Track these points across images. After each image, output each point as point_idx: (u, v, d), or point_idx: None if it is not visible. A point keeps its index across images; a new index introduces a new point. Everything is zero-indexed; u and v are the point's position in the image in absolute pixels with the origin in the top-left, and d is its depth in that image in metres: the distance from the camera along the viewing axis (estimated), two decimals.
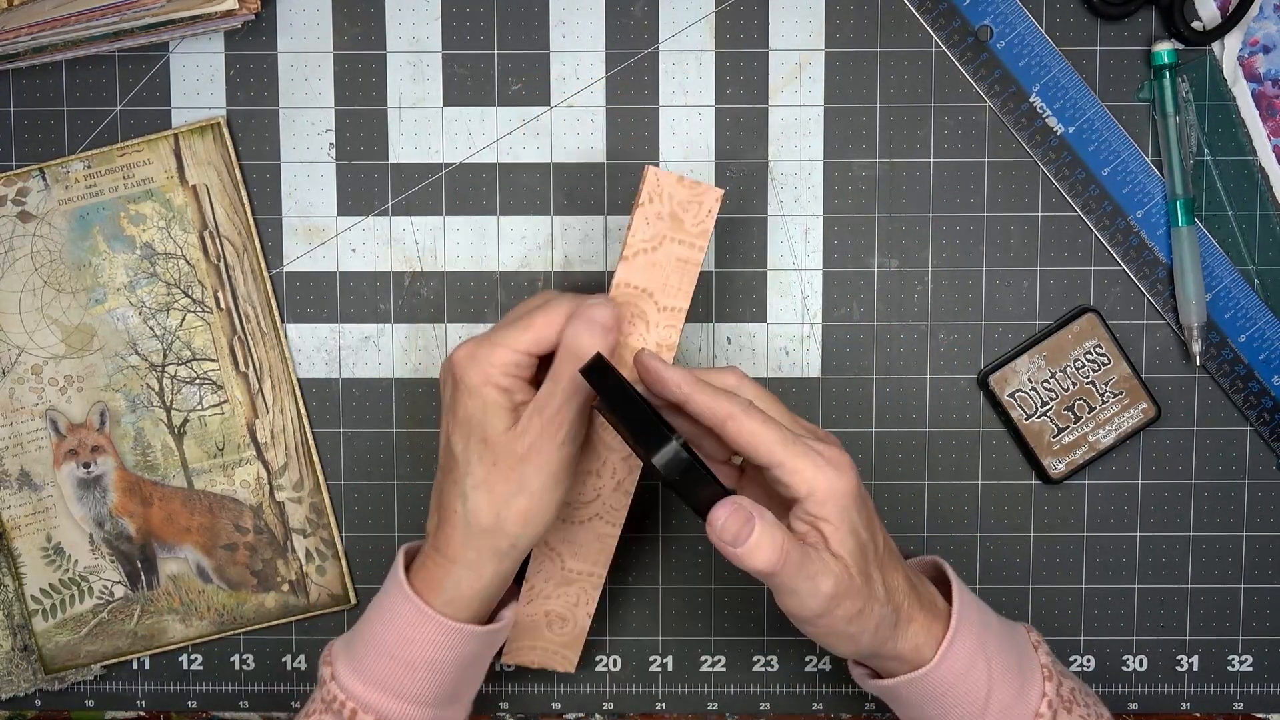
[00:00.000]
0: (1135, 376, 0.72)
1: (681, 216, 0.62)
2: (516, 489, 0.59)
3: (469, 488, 0.60)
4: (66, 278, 0.72)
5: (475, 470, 0.60)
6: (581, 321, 0.59)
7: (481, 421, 0.59)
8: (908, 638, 0.60)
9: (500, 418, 0.59)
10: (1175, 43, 0.71)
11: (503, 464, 0.59)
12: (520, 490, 0.59)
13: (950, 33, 0.72)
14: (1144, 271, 0.72)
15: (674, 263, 0.63)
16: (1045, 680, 0.61)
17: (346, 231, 0.73)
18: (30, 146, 0.72)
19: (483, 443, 0.59)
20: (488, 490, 0.60)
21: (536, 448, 0.59)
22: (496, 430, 0.59)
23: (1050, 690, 0.61)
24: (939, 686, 0.60)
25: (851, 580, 0.57)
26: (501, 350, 0.60)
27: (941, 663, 0.59)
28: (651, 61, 0.72)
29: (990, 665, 0.60)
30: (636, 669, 0.74)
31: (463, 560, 0.61)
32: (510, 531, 0.60)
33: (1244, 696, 0.74)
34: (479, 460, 0.60)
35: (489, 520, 0.60)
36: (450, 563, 0.61)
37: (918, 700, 0.61)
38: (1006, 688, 0.60)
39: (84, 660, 0.73)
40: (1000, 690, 0.60)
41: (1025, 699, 0.60)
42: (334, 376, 0.73)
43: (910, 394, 0.73)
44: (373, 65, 0.72)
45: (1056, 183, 0.72)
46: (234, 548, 0.73)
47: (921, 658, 0.60)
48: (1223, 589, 0.74)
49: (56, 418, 0.72)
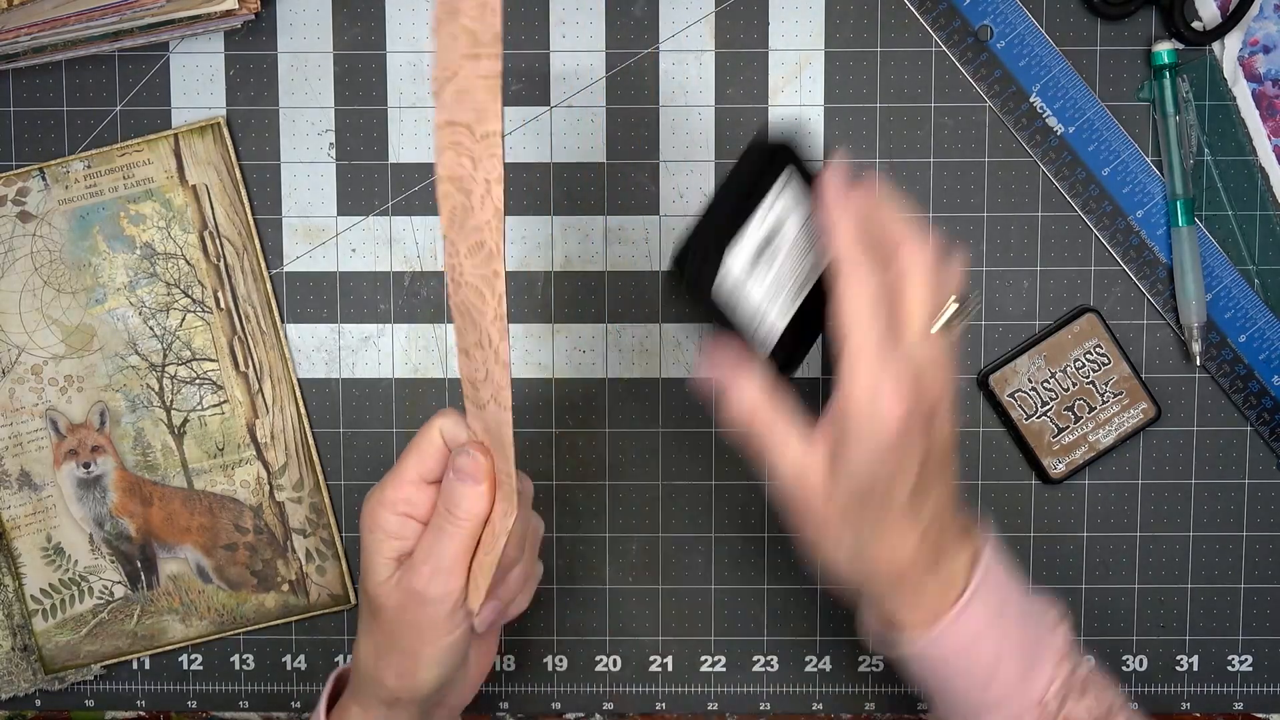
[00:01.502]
0: (1135, 376, 0.72)
1: (473, 28, 0.49)
2: (388, 644, 0.57)
3: (360, 634, 0.59)
4: (66, 278, 0.72)
5: (363, 620, 0.59)
6: (452, 474, 0.56)
7: (366, 571, 0.58)
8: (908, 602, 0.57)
9: (382, 567, 0.57)
10: (1175, 43, 0.71)
11: (378, 616, 0.57)
12: (392, 646, 0.57)
13: (950, 33, 0.72)
14: (1144, 271, 0.72)
15: (478, 81, 0.50)
16: (1059, 663, 0.59)
17: (346, 231, 0.73)
18: (30, 146, 0.72)
19: (365, 593, 0.58)
20: (368, 642, 0.58)
21: (404, 606, 0.56)
22: (374, 581, 0.57)
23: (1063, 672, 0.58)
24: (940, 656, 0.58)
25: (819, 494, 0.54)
26: (389, 487, 0.57)
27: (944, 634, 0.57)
28: (651, 61, 0.72)
29: (1001, 643, 0.57)
30: (636, 669, 0.74)
31: (357, 703, 0.60)
32: (389, 685, 0.58)
33: (1244, 696, 0.74)
34: (365, 611, 0.58)
35: (368, 671, 0.58)
36: (351, 700, 0.60)
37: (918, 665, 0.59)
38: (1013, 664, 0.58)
39: (84, 660, 0.73)
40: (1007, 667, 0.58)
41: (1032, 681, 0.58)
42: (334, 376, 0.73)
43: None
44: (373, 65, 0.72)
45: (1056, 183, 0.72)
46: (234, 548, 0.73)
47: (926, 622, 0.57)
48: (1223, 589, 0.74)
49: (56, 418, 0.72)
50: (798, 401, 0.56)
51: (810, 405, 0.56)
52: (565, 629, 0.74)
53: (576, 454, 0.73)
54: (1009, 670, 0.58)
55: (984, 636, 0.58)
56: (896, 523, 0.55)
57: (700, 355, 0.53)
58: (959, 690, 0.59)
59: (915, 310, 0.54)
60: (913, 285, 0.54)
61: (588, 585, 0.74)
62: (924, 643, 0.58)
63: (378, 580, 0.57)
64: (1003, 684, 0.58)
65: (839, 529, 0.56)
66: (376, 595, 0.57)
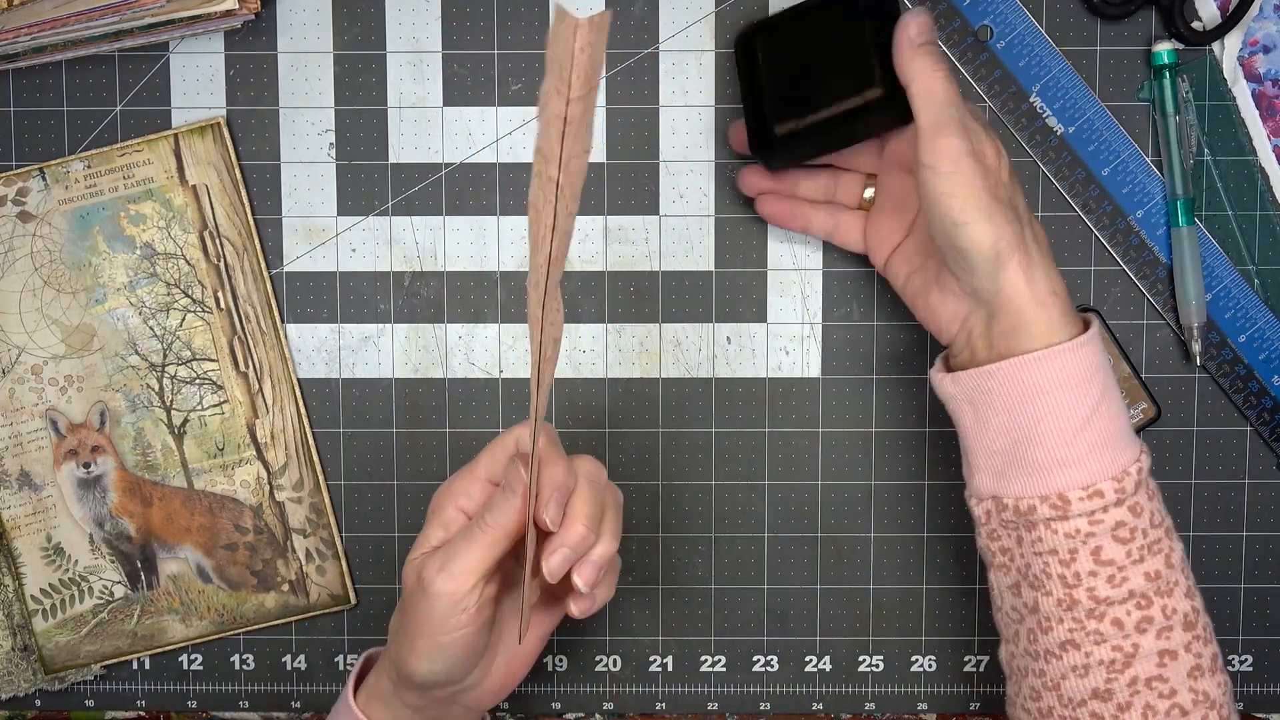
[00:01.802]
0: (1135, 376, 0.72)
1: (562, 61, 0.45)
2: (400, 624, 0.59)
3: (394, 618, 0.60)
4: (66, 278, 0.72)
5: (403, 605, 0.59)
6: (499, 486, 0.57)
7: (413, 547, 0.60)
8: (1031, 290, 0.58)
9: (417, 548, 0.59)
10: (1175, 43, 0.71)
11: (403, 596, 0.59)
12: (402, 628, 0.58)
13: (950, 33, 0.72)
14: (1144, 271, 0.72)
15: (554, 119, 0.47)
16: (1143, 452, 0.59)
17: (346, 231, 0.73)
18: (30, 146, 0.72)
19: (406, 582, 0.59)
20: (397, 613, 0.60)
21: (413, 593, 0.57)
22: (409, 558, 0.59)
23: (1145, 460, 0.58)
24: (1050, 381, 0.57)
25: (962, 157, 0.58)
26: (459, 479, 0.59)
27: (1070, 351, 0.57)
28: (651, 61, 0.72)
29: (1106, 391, 0.58)
30: (636, 669, 0.74)
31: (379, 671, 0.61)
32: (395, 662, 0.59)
33: (1244, 696, 0.74)
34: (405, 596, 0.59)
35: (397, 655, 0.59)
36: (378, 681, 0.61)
37: (1013, 399, 0.58)
38: (1112, 421, 0.58)
39: (84, 660, 0.73)
40: (1104, 421, 0.57)
41: (1125, 449, 0.58)
42: (334, 376, 0.73)
43: (910, 394, 0.73)
44: (373, 65, 0.72)
45: (1056, 183, 0.72)
46: (234, 548, 0.73)
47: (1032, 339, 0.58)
48: (1223, 589, 0.74)
49: (56, 418, 0.72)
50: None
51: None
52: (565, 629, 0.74)
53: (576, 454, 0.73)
54: (1109, 423, 0.57)
55: (1094, 378, 0.57)
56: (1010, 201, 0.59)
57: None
58: (1048, 434, 0.57)
59: None
60: None
61: None
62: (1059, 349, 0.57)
63: (410, 558, 0.59)
64: (1098, 433, 0.57)
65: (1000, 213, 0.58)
66: (405, 573, 0.59)
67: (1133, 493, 0.57)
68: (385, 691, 0.61)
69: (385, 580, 0.74)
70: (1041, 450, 0.58)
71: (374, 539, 0.74)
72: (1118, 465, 0.57)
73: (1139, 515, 0.58)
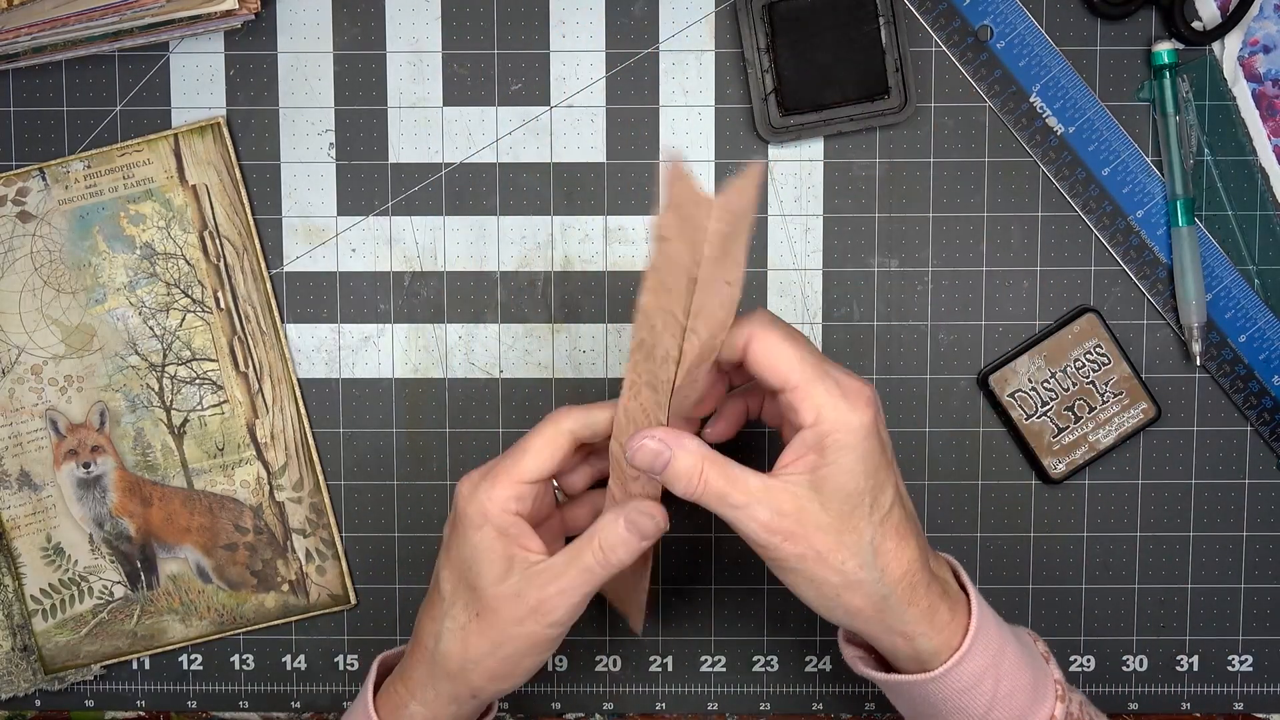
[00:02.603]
0: (1135, 376, 0.72)
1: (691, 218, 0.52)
2: (491, 648, 0.57)
3: (445, 630, 0.58)
4: (66, 278, 0.72)
5: (457, 615, 0.58)
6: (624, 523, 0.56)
7: (474, 567, 0.57)
8: (917, 628, 0.56)
9: (493, 566, 0.57)
10: (1175, 43, 0.71)
11: (485, 618, 0.57)
12: (494, 652, 0.57)
13: (950, 33, 0.72)
14: (1144, 271, 0.72)
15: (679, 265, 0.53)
16: (1057, 700, 0.59)
17: (346, 231, 0.73)
18: (30, 146, 0.72)
19: (471, 589, 0.57)
20: (463, 639, 0.58)
21: (522, 620, 0.56)
22: (487, 580, 0.57)
23: (1059, 712, 0.58)
24: (939, 695, 0.57)
25: (823, 521, 0.54)
26: (501, 485, 0.57)
27: (951, 671, 0.56)
28: (651, 61, 0.72)
29: (998, 685, 0.57)
30: (636, 669, 0.74)
31: (420, 698, 0.59)
32: (473, 684, 0.58)
33: (1244, 696, 0.74)
34: (463, 606, 0.58)
35: (455, 667, 0.58)
36: (409, 695, 0.60)
37: (913, 701, 0.59)
38: (1011, 703, 0.58)
39: (84, 660, 0.73)
40: (1003, 707, 0.57)
41: (1033, 716, 0.58)
42: (334, 376, 0.73)
43: (910, 394, 0.73)
44: (373, 65, 0.72)
45: (1056, 183, 0.72)
46: (234, 548, 0.73)
47: (927, 658, 0.57)
48: (1223, 589, 0.74)
49: (56, 418, 0.72)
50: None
51: None
52: None
53: None
54: (1009, 706, 0.58)
55: (988, 671, 0.57)
56: (894, 528, 0.55)
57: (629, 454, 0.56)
58: None
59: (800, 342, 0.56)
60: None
61: None
62: (939, 675, 0.56)
63: (492, 581, 0.56)
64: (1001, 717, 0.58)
65: (842, 552, 0.54)
66: (493, 599, 0.56)
67: None
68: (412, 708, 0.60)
69: (385, 580, 0.74)
70: None
71: (374, 539, 0.74)
72: None
73: None
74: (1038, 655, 0.60)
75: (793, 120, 0.70)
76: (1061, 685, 0.59)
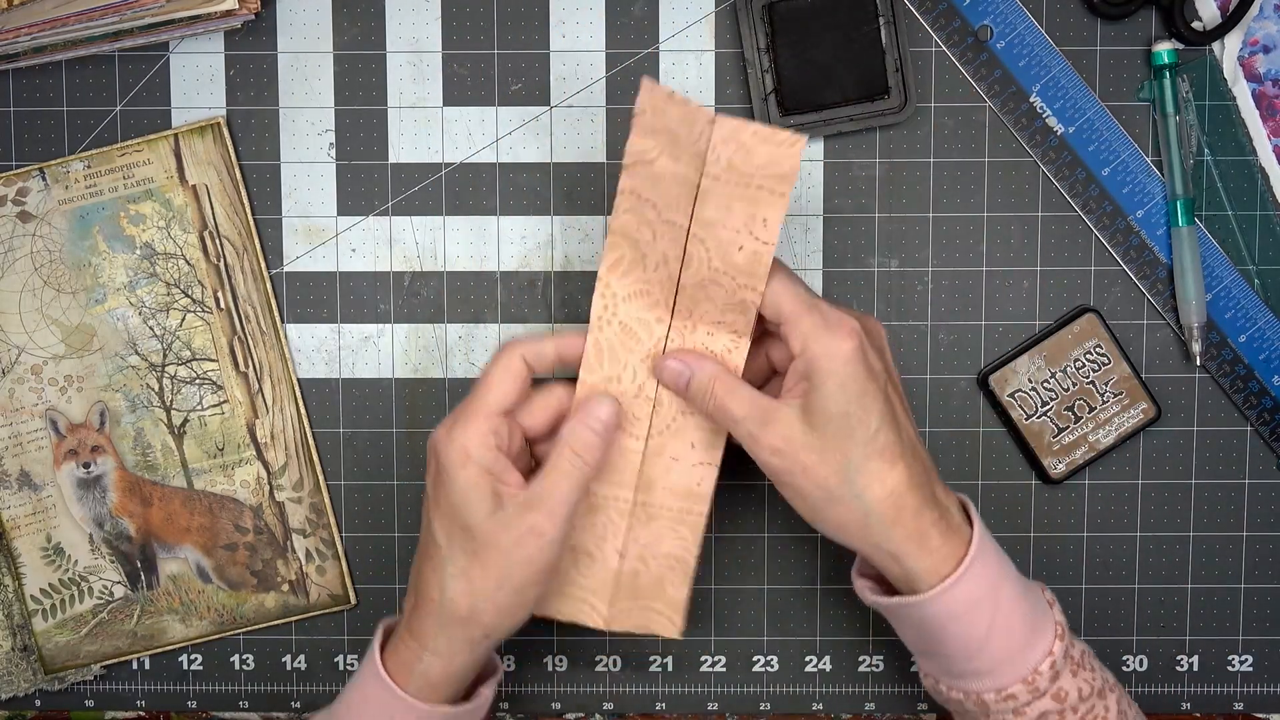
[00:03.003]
0: (1135, 376, 0.72)
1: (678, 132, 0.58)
2: (497, 583, 0.59)
3: (448, 576, 0.59)
4: (66, 278, 0.72)
5: (457, 559, 0.59)
6: (581, 418, 0.60)
7: (463, 508, 0.58)
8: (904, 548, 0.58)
9: (483, 502, 0.58)
10: (1175, 43, 0.71)
11: (484, 555, 0.58)
12: (501, 585, 0.59)
13: (950, 33, 0.72)
14: (1144, 271, 0.72)
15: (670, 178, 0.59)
16: (1056, 639, 0.60)
17: (346, 231, 0.73)
18: (30, 146, 0.72)
19: (464, 530, 0.59)
20: (467, 580, 0.59)
21: (522, 543, 0.58)
22: (479, 517, 0.58)
23: (1058, 649, 0.59)
24: (937, 616, 0.59)
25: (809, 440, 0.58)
26: (474, 422, 0.59)
27: (944, 594, 0.58)
28: (651, 61, 0.72)
29: (995, 615, 0.59)
30: (637, 669, 0.74)
31: (433, 647, 0.60)
32: (485, 623, 0.59)
33: (1244, 696, 0.74)
34: (461, 549, 0.59)
35: (465, 610, 0.59)
36: (421, 647, 0.60)
37: (914, 623, 0.61)
38: (1010, 637, 0.59)
39: (84, 660, 0.73)
40: (1001, 638, 0.59)
41: (1030, 650, 0.59)
42: (334, 376, 0.73)
43: (910, 394, 0.73)
44: (373, 65, 0.72)
45: (1056, 183, 0.72)
46: (234, 548, 0.73)
47: (916, 580, 0.59)
48: (1223, 589, 0.74)
49: (56, 418, 0.72)
50: None
51: None
52: (565, 629, 0.74)
53: None
54: (1007, 639, 0.59)
55: (984, 600, 0.59)
56: (878, 451, 0.58)
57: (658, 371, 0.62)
58: (952, 651, 0.60)
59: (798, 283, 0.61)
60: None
61: None
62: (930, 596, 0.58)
63: (484, 517, 0.58)
64: (998, 650, 0.59)
65: (824, 469, 0.58)
66: (489, 534, 0.58)
67: (1050, 683, 0.59)
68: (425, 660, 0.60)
69: (385, 580, 0.74)
70: (952, 663, 0.60)
71: (374, 539, 0.74)
72: (1027, 666, 0.59)
73: (1063, 700, 0.60)
74: (1039, 596, 0.62)
75: (793, 120, 0.70)
76: (1063, 627, 0.61)
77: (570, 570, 0.65)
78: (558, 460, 0.59)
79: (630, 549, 0.64)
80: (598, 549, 0.64)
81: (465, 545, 0.59)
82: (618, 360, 0.62)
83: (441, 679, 0.60)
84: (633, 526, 0.64)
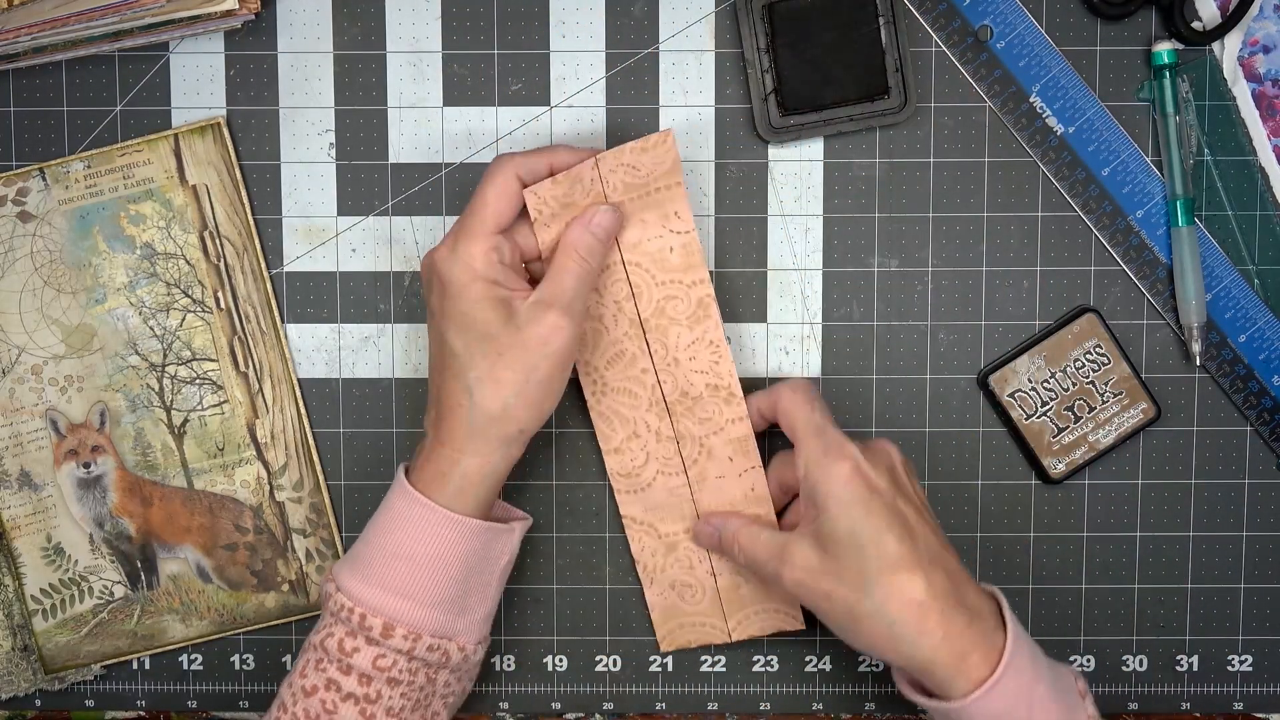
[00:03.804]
0: (1135, 376, 0.72)
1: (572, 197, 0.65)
2: (524, 378, 0.61)
3: (473, 381, 0.62)
4: (66, 278, 0.72)
5: (479, 364, 0.61)
6: (582, 224, 0.64)
7: (478, 317, 0.61)
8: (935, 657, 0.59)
9: (497, 311, 0.61)
10: (1175, 43, 0.71)
11: (509, 355, 0.61)
12: (528, 379, 0.61)
13: (950, 33, 0.72)
14: (1144, 271, 0.72)
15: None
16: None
17: (346, 231, 0.73)
18: (30, 146, 0.72)
19: (484, 338, 0.61)
20: (494, 381, 0.61)
21: (544, 339, 0.61)
22: (497, 325, 0.61)
23: None
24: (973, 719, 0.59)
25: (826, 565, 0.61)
26: (476, 240, 0.62)
27: (977, 702, 0.58)
28: (651, 61, 0.72)
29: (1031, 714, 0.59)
30: (636, 669, 0.74)
31: (470, 449, 0.62)
32: (518, 417, 0.62)
33: (1244, 696, 0.74)
34: (482, 355, 0.61)
35: (497, 409, 0.61)
36: (457, 453, 0.62)
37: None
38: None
39: (84, 660, 0.73)
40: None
41: None
42: (334, 376, 0.73)
43: (910, 394, 0.73)
44: (373, 65, 0.72)
45: (1056, 183, 0.72)
46: (234, 548, 0.73)
47: (949, 687, 0.59)
48: (1223, 589, 0.74)
49: (56, 418, 0.72)
50: None
51: None
52: (565, 629, 0.74)
53: (577, 454, 0.73)
54: None
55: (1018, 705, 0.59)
56: (892, 564, 0.60)
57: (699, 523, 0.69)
58: None
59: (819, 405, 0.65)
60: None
61: (588, 585, 0.74)
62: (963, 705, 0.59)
63: (503, 322, 0.61)
64: None
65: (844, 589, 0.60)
66: (510, 334, 0.61)
67: None
68: (464, 463, 0.62)
69: None
70: None
71: None
72: None
73: None
74: (1072, 687, 0.62)
75: (793, 120, 0.70)
76: None
77: (679, 605, 0.71)
78: (564, 261, 0.63)
79: (722, 567, 0.70)
80: (693, 577, 0.70)
81: (486, 350, 0.61)
82: (626, 421, 0.69)
83: (479, 479, 0.62)
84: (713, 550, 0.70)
